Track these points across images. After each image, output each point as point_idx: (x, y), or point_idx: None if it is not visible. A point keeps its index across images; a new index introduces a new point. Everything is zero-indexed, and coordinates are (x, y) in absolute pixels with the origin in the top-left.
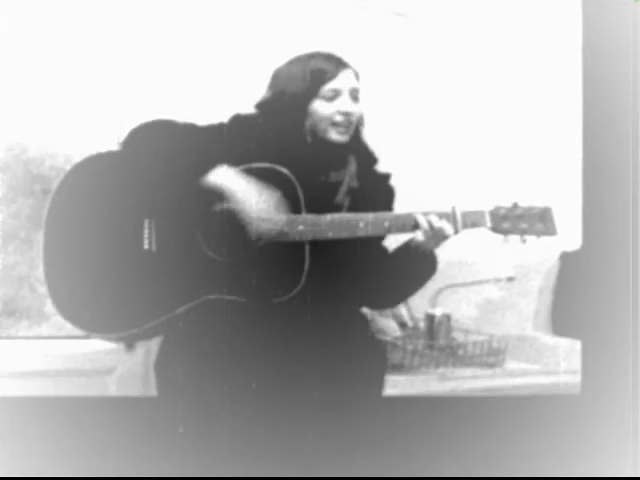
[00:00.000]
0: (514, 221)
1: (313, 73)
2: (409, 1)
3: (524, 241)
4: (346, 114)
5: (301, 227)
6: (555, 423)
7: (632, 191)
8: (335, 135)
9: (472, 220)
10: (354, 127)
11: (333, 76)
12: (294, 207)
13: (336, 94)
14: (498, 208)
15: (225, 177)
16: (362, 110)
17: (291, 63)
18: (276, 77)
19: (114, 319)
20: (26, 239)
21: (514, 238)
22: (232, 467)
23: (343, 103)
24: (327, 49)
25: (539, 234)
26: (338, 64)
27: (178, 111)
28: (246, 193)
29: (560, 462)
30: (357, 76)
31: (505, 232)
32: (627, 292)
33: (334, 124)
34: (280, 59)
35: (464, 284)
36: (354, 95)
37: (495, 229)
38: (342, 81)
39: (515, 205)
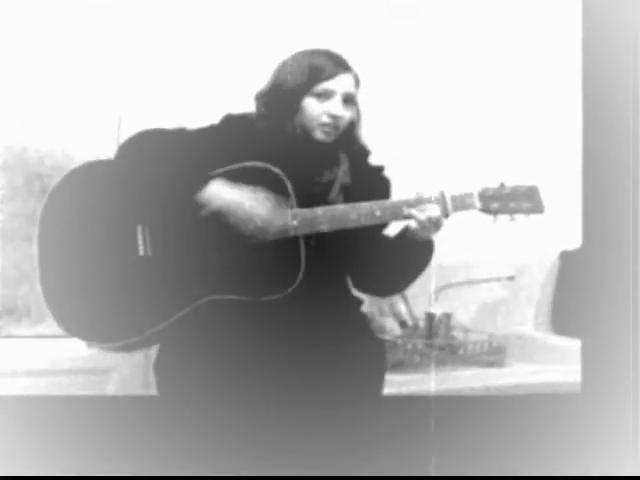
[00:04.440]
0: (503, 201)
1: (311, 69)
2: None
3: (513, 219)
4: (334, 117)
5: (295, 222)
6: (555, 422)
7: (632, 191)
8: (320, 135)
9: (461, 203)
10: (340, 130)
11: (330, 76)
12: (287, 206)
13: (328, 95)
14: (486, 189)
15: (218, 191)
16: (356, 114)
17: (295, 56)
18: (279, 68)
19: (112, 328)
20: (26, 238)
21: (503, 218)
22: (232, 467)
23: (333, 106)
24: (323, 44)
25: (527, 212)
26: (339, 65)
27: (177, 111)
28: (241, 198)
29: (560, 461)
30: (357, 82)
31: (495, 212)
32: (627, 291)
33: (321, 124)
34: (279, 59)
35: (464, 283)
36: (347, 99)
37: (484, 210)
38: (338, 83)
39: (502, 185)
